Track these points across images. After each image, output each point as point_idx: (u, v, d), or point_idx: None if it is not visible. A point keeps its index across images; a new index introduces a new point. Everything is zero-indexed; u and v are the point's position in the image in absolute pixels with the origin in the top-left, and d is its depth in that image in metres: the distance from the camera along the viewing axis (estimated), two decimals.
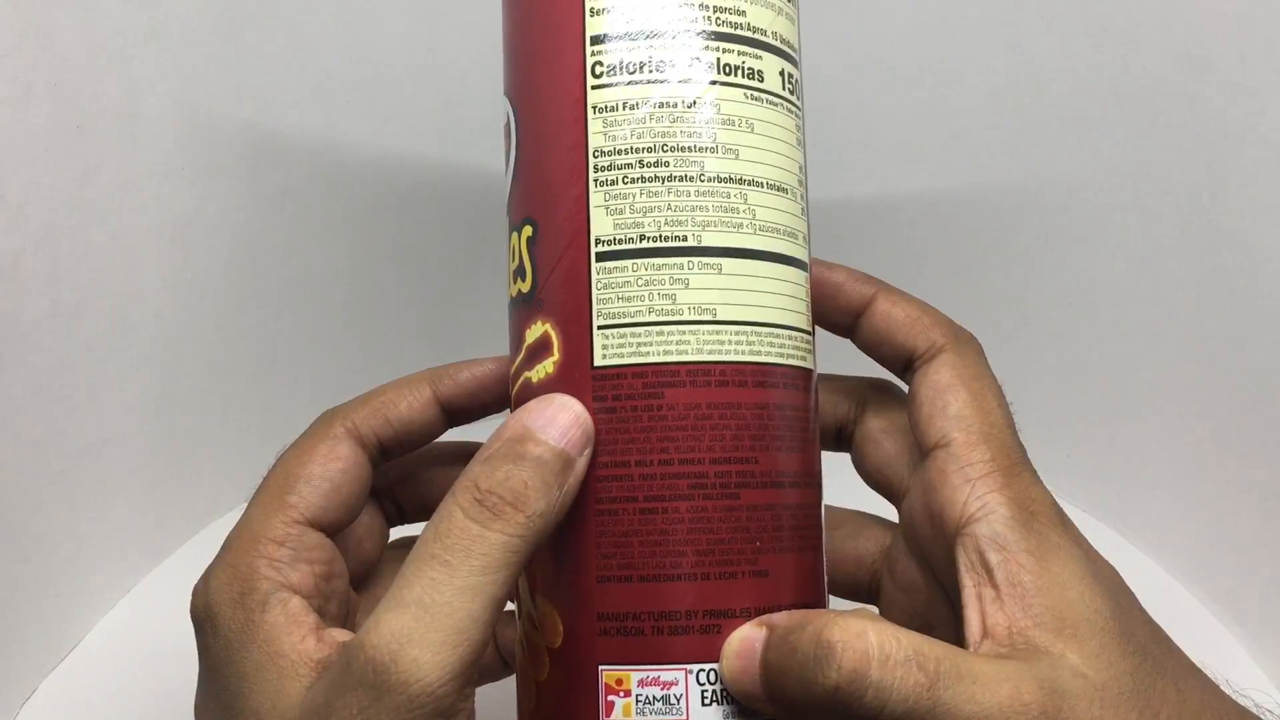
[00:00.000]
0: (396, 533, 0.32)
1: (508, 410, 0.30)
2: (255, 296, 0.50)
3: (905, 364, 0.29)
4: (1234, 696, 0.25)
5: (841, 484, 0.31)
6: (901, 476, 0.30)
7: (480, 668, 0.32)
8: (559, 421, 0.25)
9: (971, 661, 0.23)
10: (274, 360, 0.52)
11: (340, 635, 0.26)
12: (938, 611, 0.28)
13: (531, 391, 0.27)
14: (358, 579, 0.30)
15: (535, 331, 0.27)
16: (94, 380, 0.43)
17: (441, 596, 0.23)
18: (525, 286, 0.28)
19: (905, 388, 0.30)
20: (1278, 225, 0.41)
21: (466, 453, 0.32)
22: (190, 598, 0.27)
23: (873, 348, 0.30)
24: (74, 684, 0.42)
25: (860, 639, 0.23)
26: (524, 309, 0.28)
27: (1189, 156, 0.44)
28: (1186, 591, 0.47)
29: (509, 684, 0.32)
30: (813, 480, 0.28)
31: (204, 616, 0.26)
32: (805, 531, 0.27)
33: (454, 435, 0.32)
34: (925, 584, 0.29)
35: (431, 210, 0.55)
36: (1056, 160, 0.50)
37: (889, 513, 0.31)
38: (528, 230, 0.28)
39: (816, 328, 0.30)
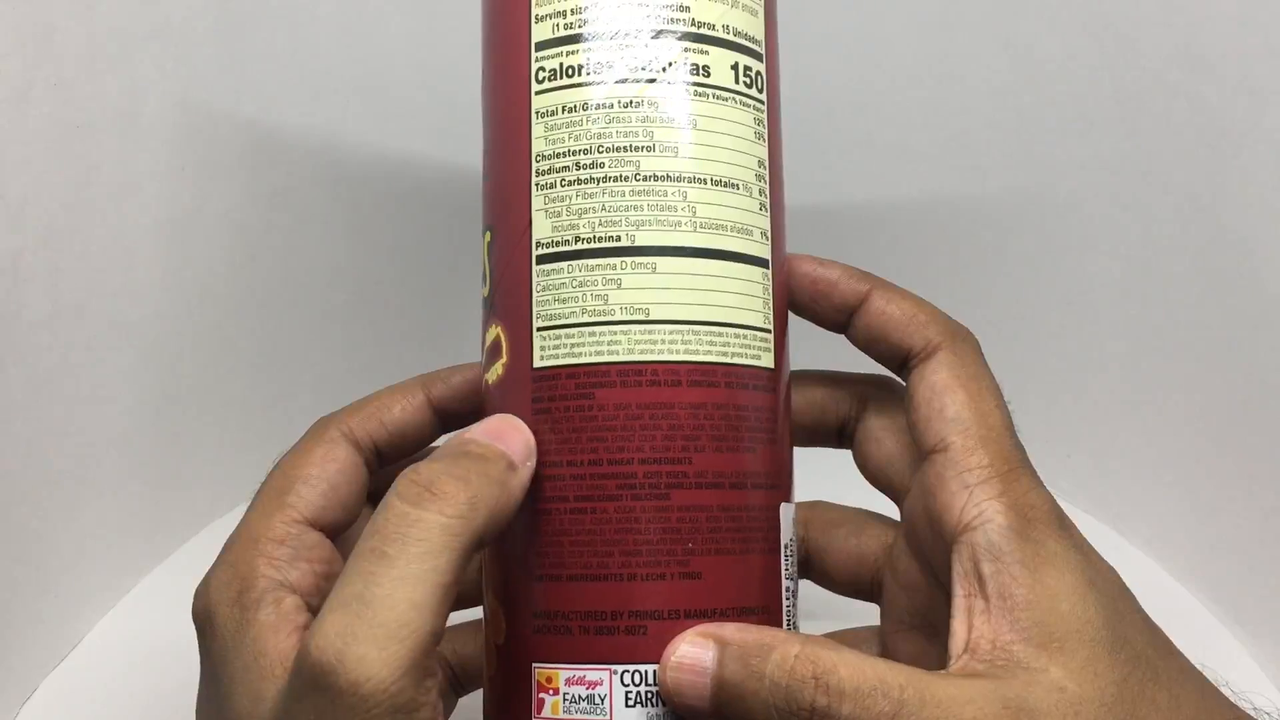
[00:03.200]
0: None
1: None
2: (255, 296, 0.50)
3: (901, 362, 0.29)
4: (1235, 699, 0.25)
5: (844, 482, 0.31)
6: (903, 475, 0.30)
7: (475, 672, 0.33)
8: (500, 432, 0.26)
9: (936, 686, 0.23)
10: (274, 360, 0.52)
11: None
12: (939, 611, 0.28)
13: (490, 393, 0.28)
14: None
15: (491, 334, 0.28)
16: (94, 380, 0.43)
17: (380, 589, 0.22)
18: (486, 291, 0.28)
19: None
20: (1278, 225, 0.41)
21: None
22: (191, 599, 0.27)
23: (868, 345, 0.29)
24: (74, 684, 0.42)
25: (832, 674, 0.23)
26: (484, 312, 0.28)
27: (1189, 156, 0.44)
28: (1186, 591, 0.47)
29: None
30: (767, 481, 0.27)
31: (204, 617, 0.26)
32: (752, 534, 0.27)
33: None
34: (927, 583, 0.29)
35: (431, 211, 0.55)
36: (1057, 160, 0.50)
37: (891, 510, 0.31)
38: (488, 235, 0.28)
39: (812, 325, 0.30)
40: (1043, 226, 0.51)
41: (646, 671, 0.25)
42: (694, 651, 0.25)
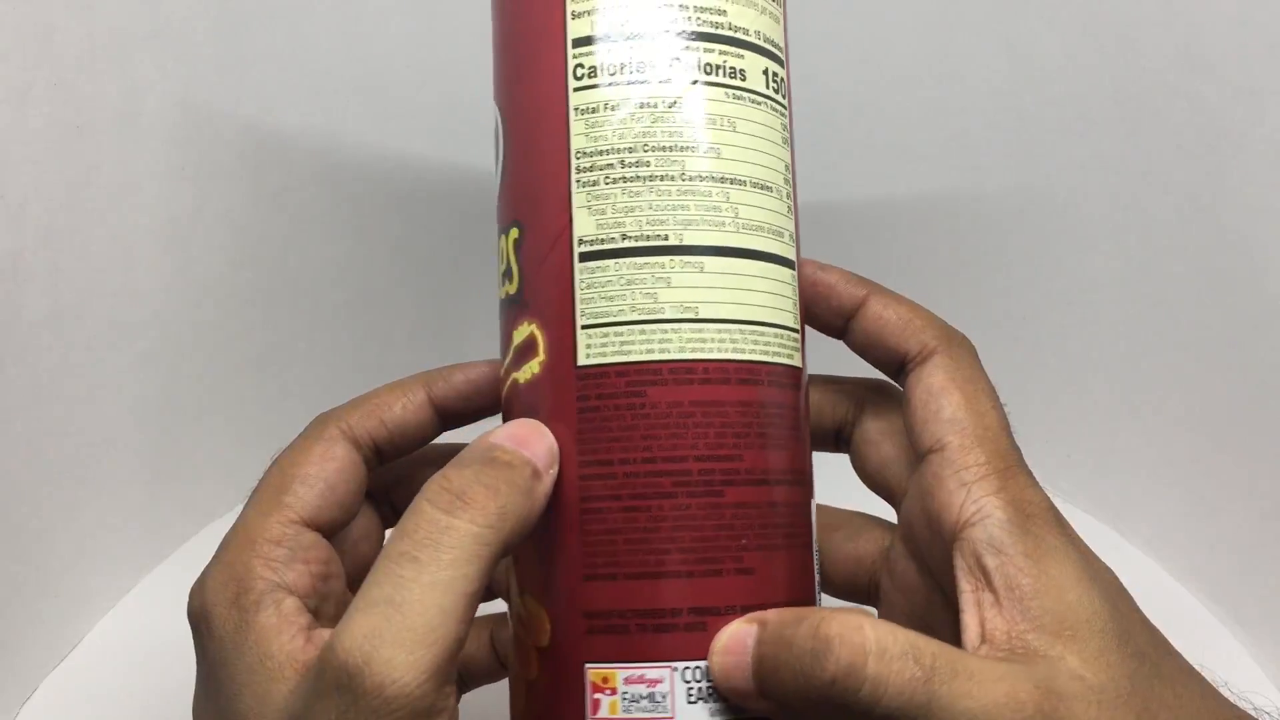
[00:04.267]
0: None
1: (501, 414, 0.30)
2: (254, 296, 0.50)
3: (898, 366, 0.29)
4: (1234, 699, 0.25)
5: (841, 485, 0.31)
6: (900, 478, 0.30)
7: (476, 670, 0.33)
8: (525, 438, 0.26)
9: (968, 660, 0.23)
10: (274, 360, 0.52)
11: (324, 635, 0.25)
12: (936, 613, 0.28)
13: (519, 392, 0.27)
14: (354, 581, 0.30)
15: (522, 332, 0.27)
16: (94, 380, 0.43)
17: (410, 593, 0.22)
18: (512, 288, 0.28)
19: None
20: (1278, 225, 0.41)
21: None
22: (188, 599, 0.27)
23: (865, 350, 0.30)
24: (74, 684, 0.42)
25: (857, 633, 0.23)
26: (511, 310, 0.28)
27: (1189, 156, 0.44)
28: (1186, 591, 0.47)
29: (504, 685, 0.32)
30: (801, 478, 0.28)
31: (200, 617, 0.26)
32: (794, 529, 0.27)
33: (449, 438, 0.32)
34: (924, 586, 0.29)
35: (431, 211, 0.55)
36: (1057, 160, 0.50)
37: (888, 514, 0.31)
38: (514, 232, 0.28)
39: (811, 330, 0.30)
40: (1043, 226, 0.51)
41: (707, 667, 0.25)
42: (739, 634, 0.25)
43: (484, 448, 0.26)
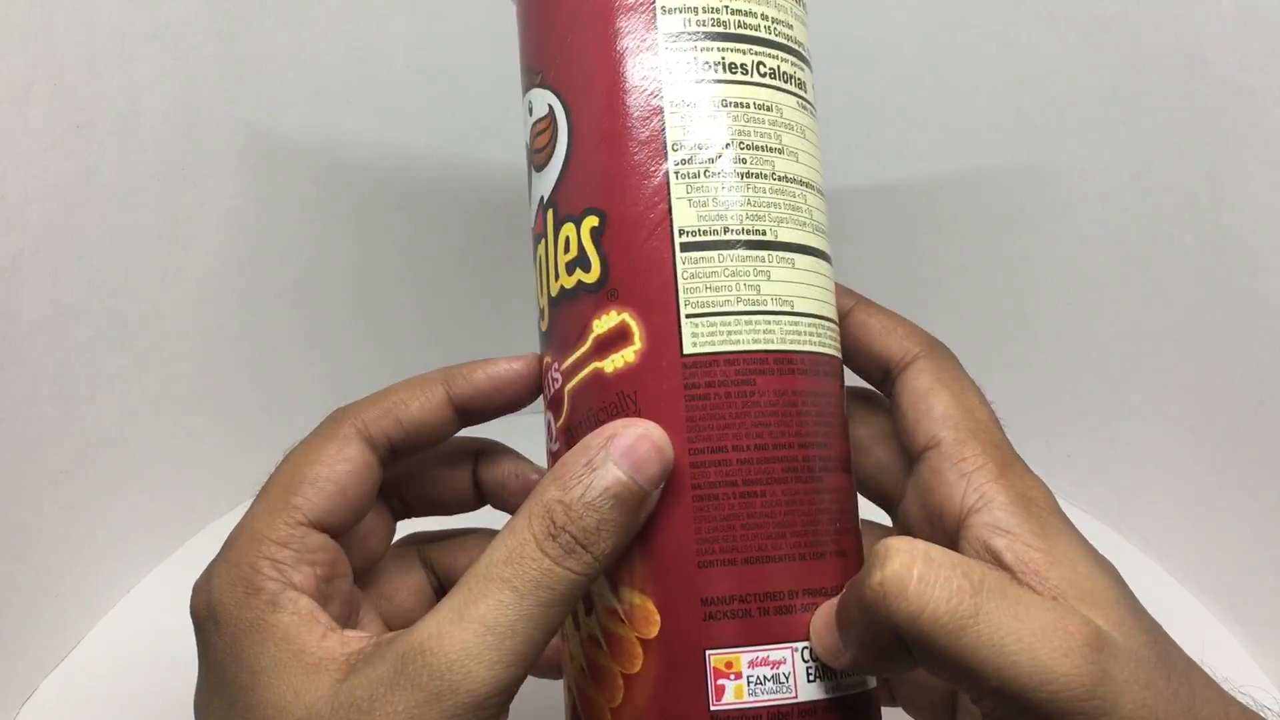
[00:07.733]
0: (402, 526, 0.32)
1: (535, 411, 0.29)
2: (255, 296, 0.50)
3: (883, 373, 0.30)
4: (1233, 694, 0.25)
5: None
6: (895, 481, 0.30)
7: None
8: (639, 450, 0.25)
9: (1018, 586, 0.23)
10: (274, 360, 0.52)
11: (355, 634, 0.26)
12: None
13: (605, 382, 0.27)
14: (362, 574, 0.30)
15: (608, 321, 0.27)
16: (94, 380, 0.43)
17: (506, 620, 0.24)
18: (590, 277, 0.27)
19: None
20: (1278, 225, 0.41)
21: (472, 449, 0.32)
22: (191, 596, 0.27)
23: (850, 358, 0.30)
24: (74, 684, 0.42)
25: (908, 542, 0.23)
26: (589, 299, 0.27)
27: (1189, 156, 0.44)
28: (1186, 591, 0.47)
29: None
30: (852, 467, 0.29)
31: (206, 615, 0.26)
32: (857, 515, 0.28)
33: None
34: None
35: (431, 209, 0.55)
36: (1056, 160, 0.50)
37: (883, 518, 0.31)
38: (591, 220, 0.27)
39: None
40: (1043, 226, 0.51)
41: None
42: (830, 603, 0.25)
43: (595, 465, 0.25)
